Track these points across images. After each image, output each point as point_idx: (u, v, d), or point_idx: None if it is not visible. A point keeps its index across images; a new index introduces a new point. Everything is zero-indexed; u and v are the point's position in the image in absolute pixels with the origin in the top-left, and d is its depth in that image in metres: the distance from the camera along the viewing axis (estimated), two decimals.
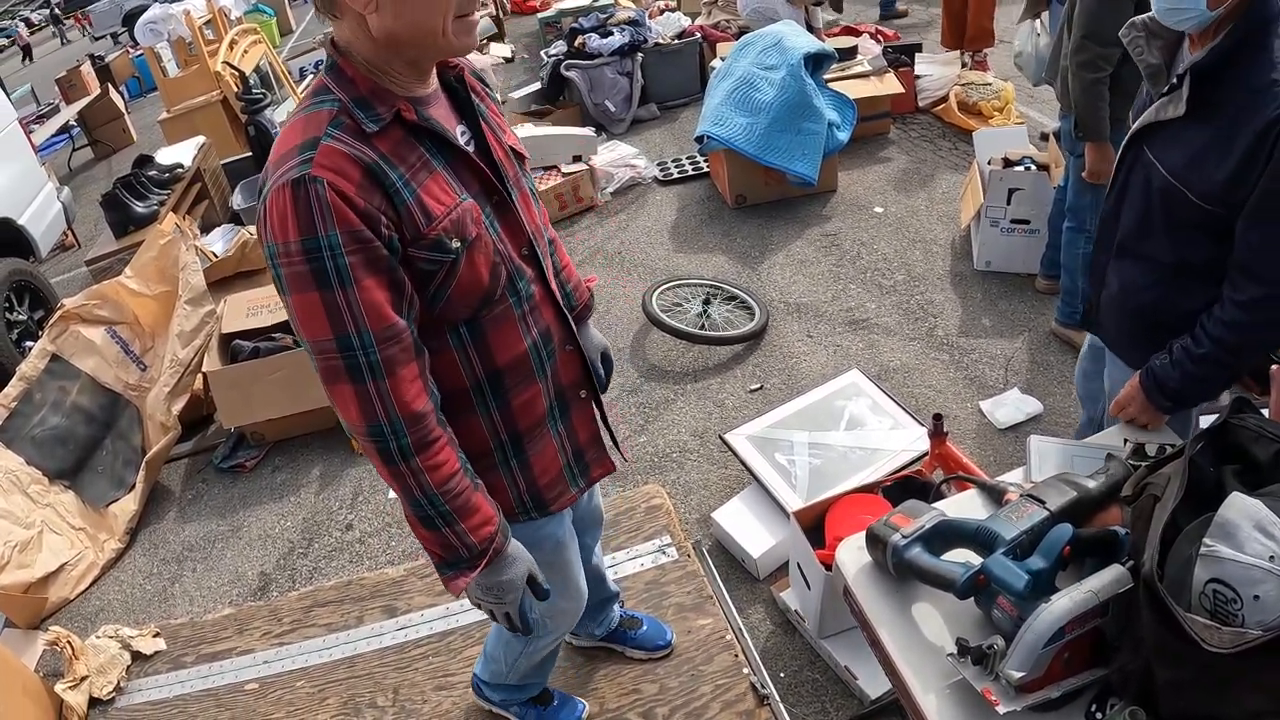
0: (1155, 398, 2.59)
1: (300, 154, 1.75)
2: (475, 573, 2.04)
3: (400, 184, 1.82)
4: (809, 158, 6.31)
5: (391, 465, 1.91)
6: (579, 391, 2.36)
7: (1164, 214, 2.52)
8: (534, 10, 12.98)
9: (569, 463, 2.37)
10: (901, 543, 2.17)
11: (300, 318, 1.81)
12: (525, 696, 3.10)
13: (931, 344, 5.01)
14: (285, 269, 1.77)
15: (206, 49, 10.46)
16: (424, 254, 1.87)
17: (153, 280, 5.68)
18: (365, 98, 1.82)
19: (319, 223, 1.72)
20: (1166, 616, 1.72)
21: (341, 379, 1.84)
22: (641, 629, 3.37)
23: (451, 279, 1.92)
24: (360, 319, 1.79)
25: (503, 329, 2.08)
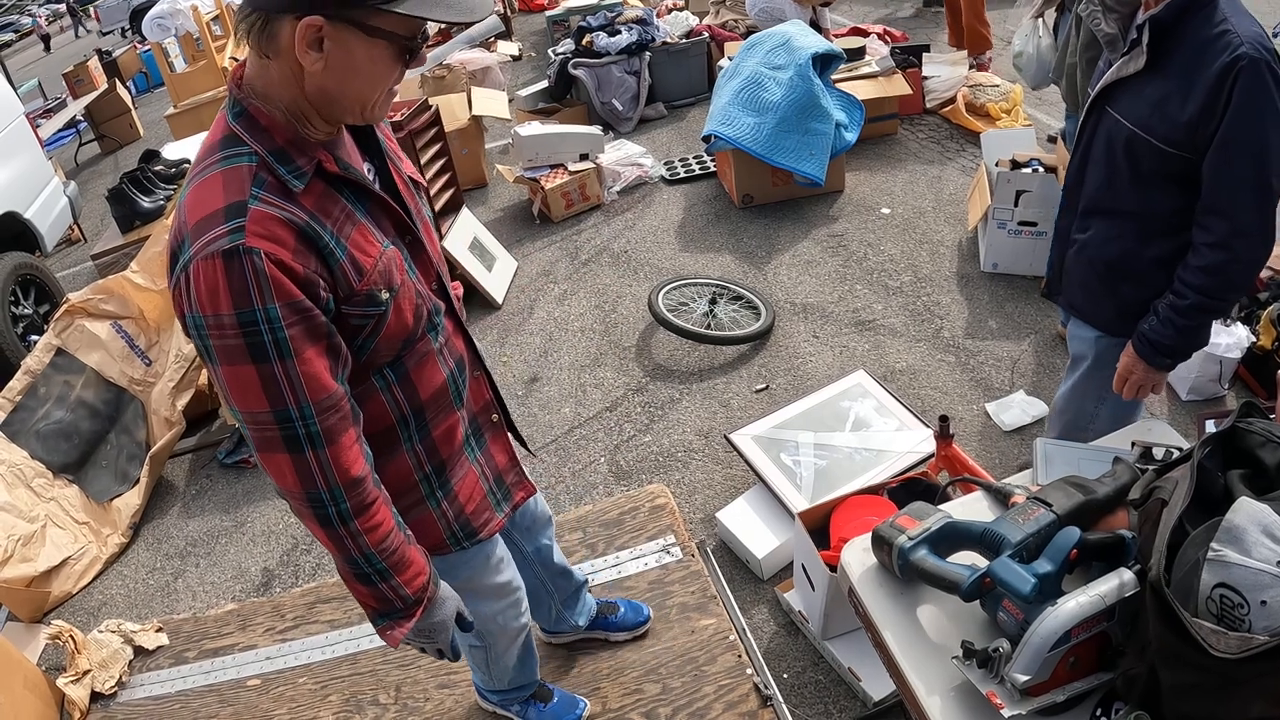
0: (1154, 359, 2.71)
1: (227, 220, 1.66)
2: (411, 621, 2.07)
3: (332, 243, 1.76)
4: (816, 158, 6.30)
5: (329, 529, 1.88)
6: (490, 416, 2.40)
7: (1130, 166, 2.62)
8: (542, 8, 12.99)
9: (491, 489, 2.40)
10: (907, 545, 2.17)
11: (232, 391, 1.75)
12: (522, 696, 3.11)
13: (938, 345, 5.00)
14: (215, 341, 1.69)
15: (214, 44, 10.47)
16: (357, 310, 1.84)
17: (158, 275, 5.67)
18: (283, 149, 1.74)
19: (255, 296, 1.65)
20: (1173, 621, 1.71)
21: (278, 449, 1.79)
22: (619, 613, 3.42)
23: (380, 328, 1.90)
24: (300, 391, 1.74)
25: (423, 365, 2.08)
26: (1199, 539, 1.76)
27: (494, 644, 2.77)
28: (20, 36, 28.39)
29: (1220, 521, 1.72)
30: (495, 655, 2.83)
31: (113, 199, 7.70)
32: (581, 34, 9.00)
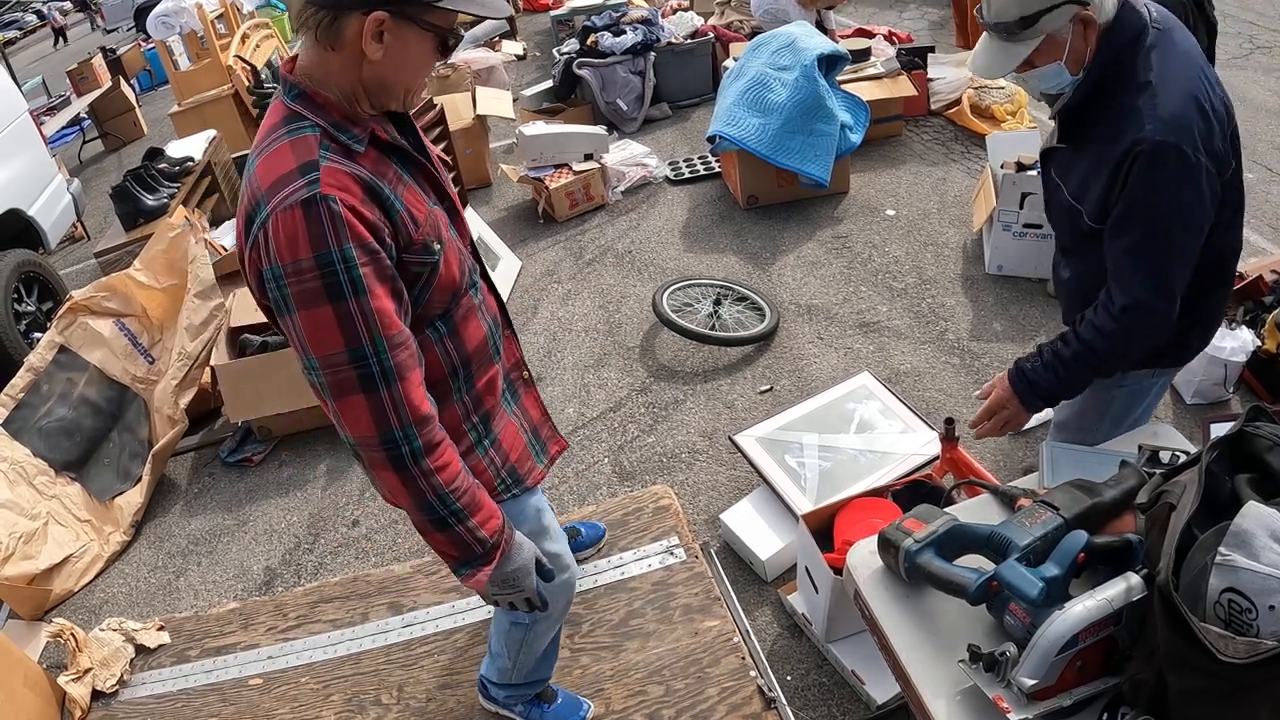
0: (1028, 399, 2.73)
1: (302, 175, 1.84)
2: (491, 566, 2.18)
3: (392, 196, 1.95)
4: (821, 159, 6.30)
5: (404, 471, 1.99)
6: (521, 373, 2.55)
7: (1073, 229, 2.67)
8: (547, 8, 12.97)
9: (530, 440, 2.54)
10: (914, 547, 2.16)
11: (309, 334, 1.88)
12: (530, 694, 3.12)
13: (942, 347, 4.99)
14: (294, 287, 1.84)
15: (218, 43, 10.47)
16: (415, 259, 2.01)
17: (161, 273, 5.67)
18: (340, 122, 1.93)
19: (331, 238, 1.81)
20: (1181, 625, 1.70)
21: (353, 391, 1.92)
22: (581, 536, 3.68)
23: (433, 279, 2.07)
24: (374, 327, 1.88)
25: (468, 319, 2.23)
26: (1207, 543, 1.76)
27: (537, 624, 2.81)
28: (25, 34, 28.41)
29: (1228, 526, 1.72)
30: (534, 635, 2.86)
31: (116, 197, 7.70)
32: (586, 34, 8.99)
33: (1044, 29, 2.43)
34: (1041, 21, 2.41)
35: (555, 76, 9.06)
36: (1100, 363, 2.61)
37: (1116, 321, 2.51)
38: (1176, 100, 2.33)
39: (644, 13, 9.15)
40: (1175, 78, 2.37)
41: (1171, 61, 2.39)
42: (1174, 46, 2.42)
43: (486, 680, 3.16)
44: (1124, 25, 2.42)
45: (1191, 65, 2.40)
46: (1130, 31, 2.42)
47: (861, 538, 2.46)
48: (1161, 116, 2.32)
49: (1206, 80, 2.40)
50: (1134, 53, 2.42)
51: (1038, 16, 2.41)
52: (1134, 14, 2.43)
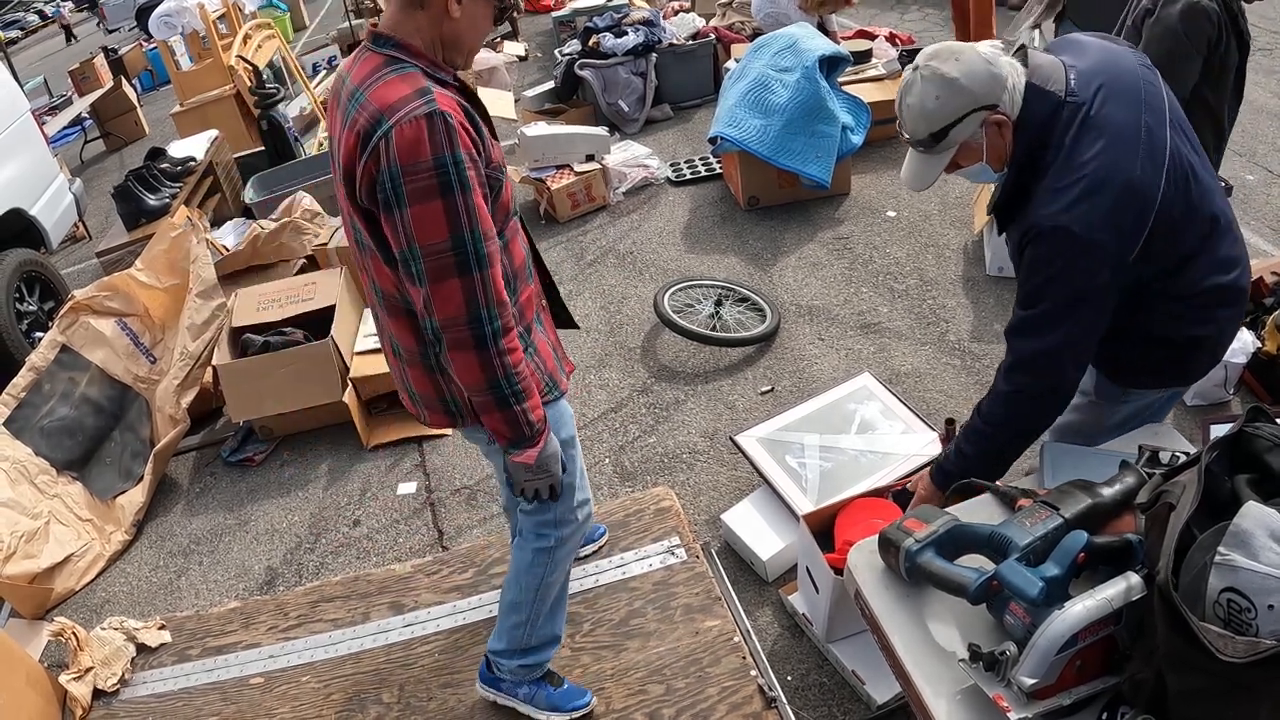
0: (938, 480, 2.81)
1: (420, 97, 2.22)
2: (536, 448, 2.50)
3: (480, 122, 2.37)
4: (822, 160, 6.30)
5: (484, 349, 2.33)
6: (542, 301, 2.88)
7: None
8: (548, 9, 12.97)
9: (554, 351, 2.85)
10: (914, 547, 2.17)
11: (416, 226, 2.23)
12: (538, 669, 3.17)
13: (943, 348, 5.00)
14: (409, 185, 2.21)
15: (220, 43, 10.48)
16: (493, 174, 2.40)
17: (163, 273, 5.68)
18: (430, 67, 2.34)
19: (446, 145, 2.20)
20: (1180, 625, 1.71)
21: (451, 274, 2.27)
22: None
23: (499, 196, 2.45)
24: (475, 218, 2.26)
25: (514, 240, 2.60)
26: (1206, 543, 1.76)
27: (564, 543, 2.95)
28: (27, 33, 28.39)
29: (1228, 526, 1.72)
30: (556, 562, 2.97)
31: (118, 196, 7.71)
32: (588, 35, 8.99)
33: (956, 140, 2.53)
34: (952, 134, 2.51)
35: (557, 77, 9.06)
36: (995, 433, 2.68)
37: (1006, 382, 2.62)
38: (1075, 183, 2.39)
39: (646, 14, 9.15)
40: (1083, 157, 2.40)
41: (1083, 139, 2.42)
42: (1089, 120, 2.44)
43: (494, 657, 3.18)
44: (1031, 115, 2.48)
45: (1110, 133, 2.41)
46: (1039, 120, 2.47)
47: (862, 538, 2.47)
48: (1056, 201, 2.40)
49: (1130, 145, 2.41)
50: (1046, 138, 2.47)
51: (946, 131, 2.51)
52: (1042, 98, 2.47)
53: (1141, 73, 2.54)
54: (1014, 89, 2.45)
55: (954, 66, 2.45)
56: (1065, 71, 2.49)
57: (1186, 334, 2.60)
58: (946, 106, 2.47)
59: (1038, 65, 2.50)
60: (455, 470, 4.87)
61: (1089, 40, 2.65)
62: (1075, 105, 2.44)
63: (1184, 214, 2.46)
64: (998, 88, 2.44)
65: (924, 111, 2.50)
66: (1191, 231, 2.48)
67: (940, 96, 2.46)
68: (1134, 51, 2.66)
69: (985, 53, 2.48)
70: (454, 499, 4.70)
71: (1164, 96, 2.53)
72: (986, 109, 2.45)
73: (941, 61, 2.47)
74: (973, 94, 2.44)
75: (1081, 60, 2.53)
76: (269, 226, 6.65)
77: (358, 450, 5.21)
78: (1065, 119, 2.43)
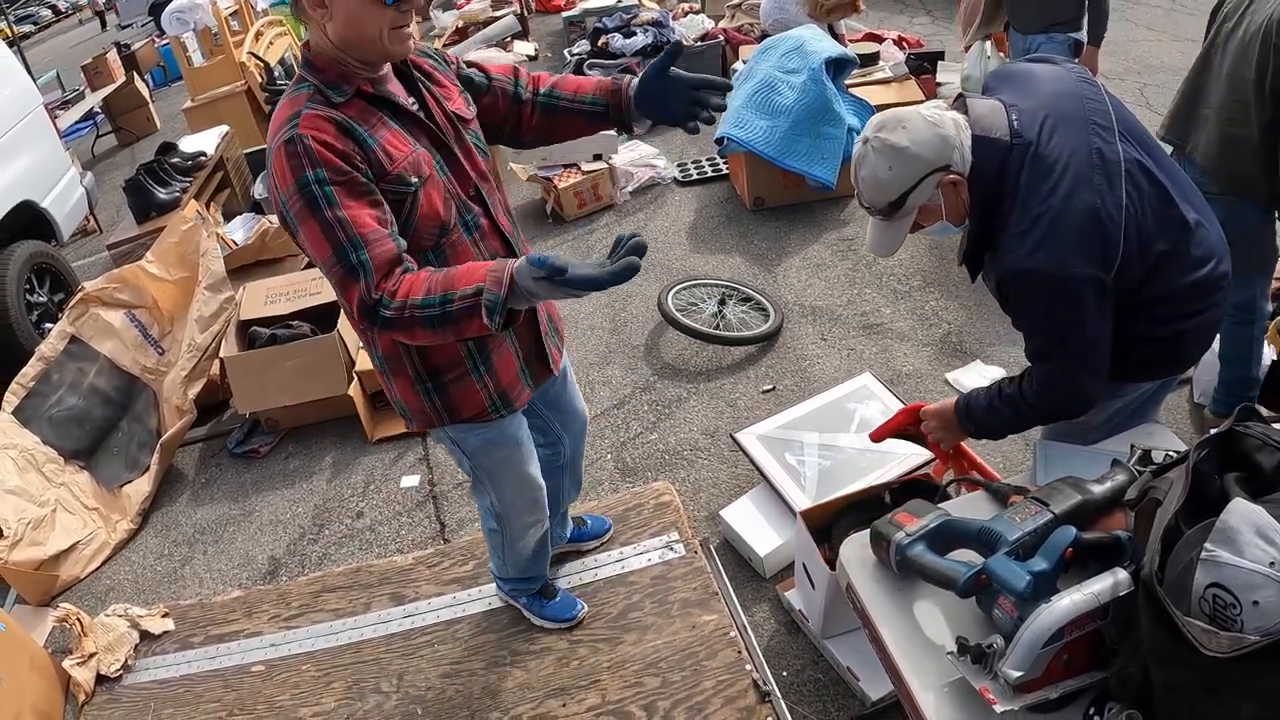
0: (963, 421, 2.85)
1: (288, 123, 2.24)
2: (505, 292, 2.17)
3: (366, 135, 2.30)
4: (828, 162, 6.32)
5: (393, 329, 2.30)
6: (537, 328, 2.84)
7: None
8: (559, 9, 12.98)
9: (522, 366, 2.82)
10: (905, 541, 2.19)
11: (310, 245, 2.26)
12: (532, 589, 3.55)
13: (945, 350, 5.02)
14: (292, 210, 2.25)
15: (232, 39, 10.51)
16: (391, 187, 2.33)
17: (173, 265, 5.71)
18: (333, 81, 2.32)
19: (306, 166, 2.21)
20: (1165, 620, 1.73)
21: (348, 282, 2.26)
22: (586, 526, 3.87)
23: (416, 208, 2.39)
24: (349, 228, 2.22)
25: (460, 253, 2.53)
26: (1193, 539, 1.78)
27: (508, 529, 3.22)
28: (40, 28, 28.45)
29: (1215, 522, 1.74)
30: (509, 541, 3.27)
31: (129, 190, 7.75)
32: (597, 35, 9.02)
33: (914, 205, 2.58)
34: (909, 201, 2.57)
35: None
36: (1023, 424, 2.76)
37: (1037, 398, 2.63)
38: (1035, 225, 2.42)
39: (655, 15, 9.17)
40: (1040, 196, 2.43)
41: (1037, 178, 2.45)
42: (1039, 158, 2.46)
43: (495, 574, 3.63)
44: (982, 167, 2.51)
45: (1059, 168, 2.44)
46: (990, 170, 2.50)
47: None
48: (1021, 245, 2.43)
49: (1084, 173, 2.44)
50: (1000, 186, 2.50)
51: (904, 199, 2.56)
52: (988, 147, 2.51)
53: (1082, 89, 2.57)
54: (962, 145, 2.50)
55: (902, 135, 2.51)
56: (1007, 113, 2.53)
57: (1172, 329, 2.62)
58: (900, 175, 2.53)
59: (979, 115, 2.54)
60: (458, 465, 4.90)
61: (1024, 69, 2.70)
62: (1023, 146, 2.47)
63: (1154, 223, 2.48)
64: (947, 149, 2.49)
65: (879, 183, 2.56)
66: (1162, 238, 2.50)
67: (893, 167, 2.52)
68: (1068, 67, 2.68)
69: (930, 115, 2.52)
70: (456, 493, 4.72)
71: (1109, 107, 2.55)
72: (939, 171, 2.51)
73: (890, 132, 2.53)
74: (924, 159, 2.50)
75: (1022, 96, 2.58)
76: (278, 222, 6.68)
77: (362, 443, 5.25)
78: (1015, 162, 2.47)
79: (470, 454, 2.97)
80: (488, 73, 2.75)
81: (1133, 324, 2.59)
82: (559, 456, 3.43)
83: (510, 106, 2.76)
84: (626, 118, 2.67)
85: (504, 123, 2.79)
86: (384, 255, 2.25)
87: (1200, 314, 2.63)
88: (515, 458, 2.99)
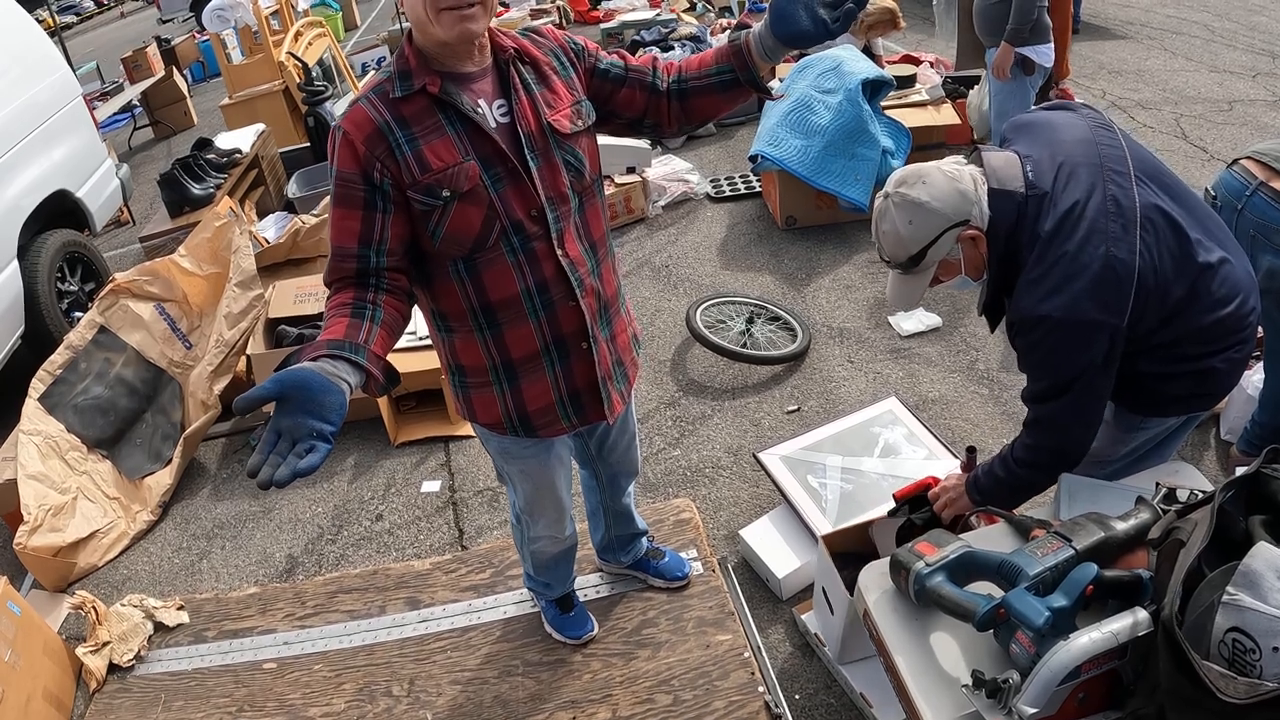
0: (970, 492, 2.87)
1: (349, 106, 2.32)
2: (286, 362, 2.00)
3: (404, 140, 2.27)
4: (861, 183, 6.31)
5: None
6: (580, 343, 2.65)
7: None
8: (597, 20, 13.03)
9: (562, 399, 2.72)
10: (925, 570, 2.18)
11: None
12: (550, 595, 3.59)
13: (971, 377, 4.99)
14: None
15: (272, 39, 10.58)
16: (418, 197, 2.30)
17: (205, 261, 5.74)
18: (407, 71, 2.30)
19: (333, 159, 2.31)
20: (1183, 662, 1.72)
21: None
22: (663, 560, 3.78)
23: (445, 221, 2.34)
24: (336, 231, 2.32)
25: (494, 271, 2.45)
26: (1215, 582, 1.77)
27: (527, 531, 3.24)
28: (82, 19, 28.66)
29: (1238, 565, 1.73)
30: (526, 541, 3.30)
31: (164, 184, 7.80)
32: (635, 48, 9.03)
33: (934, 260, 2.61)
34: (929, 255, 2.60)
35: None
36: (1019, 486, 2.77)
37: (1025, 450, 2.68)
38: (1051, 271, 2.44)
39: (693, 30, 9.19)
40: (1056, 245, 2.45)
41: (1051, 228, 2.47)
42: (1055, 208, 2.48)
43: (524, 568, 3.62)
44: (999, 221, 2.54)
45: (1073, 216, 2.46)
46: (1007, 223, 2.53)
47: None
48: (1034, 293, 2.46)
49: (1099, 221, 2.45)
50: (1018, 238, 2.53)
51: (924, 253, 2.60)
52: (1005, 200, 2.53)
53: (1097, 135, 2.59)
54: (981, 200, 2.53)
55: (923, 190, 2.54)
56: (1021, 164, 2.56)
57: (1197, 366, 2.61)
58: (920, 230, 2.57)
59: (994, 168, 2.57)
60: (479, 471, 4.90)
61: (1040, 118, 2.73)
62: (1038, 197, 2.50)
63: (1172, 267, 2.49)
64: (966, 204, 2.53)
65: (899, 238, 2.61)
66: (1180, 282, 2.50)
67: (914, 221, 2.57)
68: (1084, 114, 2.70)
69: (949, 171, 2.56)
70: (476, 500, 4.72)
71: (1124, 151, 2.56)
72: (959, 225, 2.54)
73: (910, 187, 2.57)
74: (944, 215, 2.53)
75: (1035, 146, 2.61)
76: (310, 221, 6.72)
77: (385, 446, 5.25)
78: (1031, 214, 2.50)
79: (492, 453, 3.02)
80: (627, 64, 2.64)
81: (1159, 363, 2.59)
82: (597, 492, 3.46)
83: (649, 99, 2.63)
84: (755, 75, 2.48)
85: (644, 115, 2.67)
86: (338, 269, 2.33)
87: (1226, 350, 2.62)
88: (536, 475, 2.97)
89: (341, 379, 1.95)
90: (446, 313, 2.56)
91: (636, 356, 3.03)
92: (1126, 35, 10.22)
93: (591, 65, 2.60)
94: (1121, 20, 10.49)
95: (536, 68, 2.47)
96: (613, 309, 2.78)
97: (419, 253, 2.42)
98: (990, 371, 5.01)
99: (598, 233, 2.65)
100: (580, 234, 2.57)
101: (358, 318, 2.20)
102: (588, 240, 2.60)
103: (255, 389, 1.82)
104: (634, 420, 3.27)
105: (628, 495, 3.51)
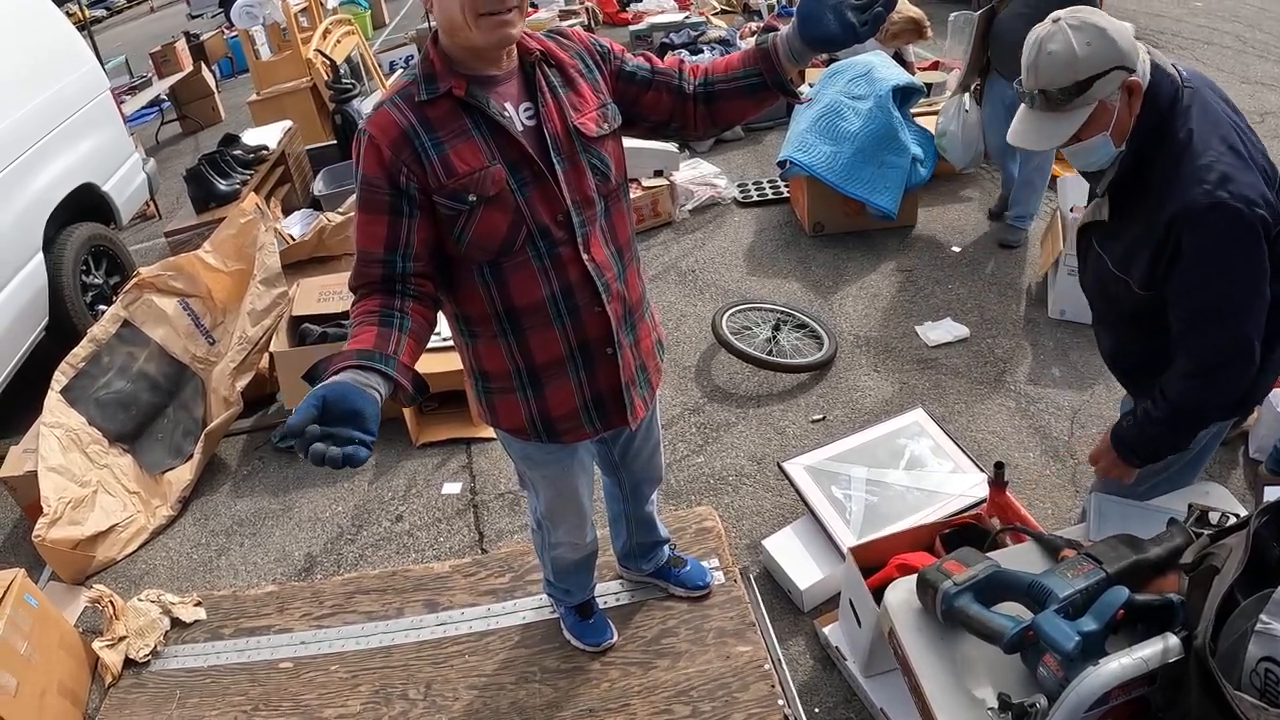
0: (1123, 453, 2.68)
1: (375, 109, 2.30)
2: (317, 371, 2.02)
3: (430, 145, 2.24)
4: (890, 191, 6.27)
5: None
6: (605, 348, 2.61)
7: (1117, 300, 2.65)
8: (626, 22, 13.02)
9: (586, 405, 2.68)
10: (953, 590, 2.15)
11: None
12: (570, 601, 3.57)
13: (999, 389, 4.95)
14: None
15: (300, 36, 10.60)
16: (445, 201, 2.26)
17: (230, 257, 5.75)
18: (432, 74, 2.26)
19: (357, 163, 2.28)
20: (1214, 692, 1.68)
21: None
22: (685, 569, 3.74)
23: (471, 225, 2.30)
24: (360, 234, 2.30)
25: (520, 276, 2.41)
26: (1249, 610, 1.73)
27: (546, 537, 3.21)
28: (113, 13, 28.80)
29: (1272, 594, 1.69)
30: (546, 546, 3.27)
31: (190, 179, 7.81)
32: (664, 51, 9.01)
33: (1097, 95, 2.39)
34: (1095, 86, 2.37)
35: None
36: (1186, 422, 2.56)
37: (1190, 383, 2.46)
38: (1219, 159, 2.31)
39: (722, 33, 9.16)
40: (1214, 137, 2.35)
41: (1208, 121, 2.37)
42: (1208, 106, 2.40)
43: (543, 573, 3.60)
44: (1160, 90, 2.40)
45: (1225, 122, 2.39)
46: (1167, 96, 2.40)
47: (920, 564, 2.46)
48: (1206, 178, 2.29)
49: (1242, 134, 2.39)
50: (1172, 116, 2.40)
51: (1091, 82, 2.37)
52: (1166, 78, 2.42)
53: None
54: (1144, 60, 2.41)
55: (1101, 18, 2.37)
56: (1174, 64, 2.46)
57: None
58: (1097, 55, 2.35)
59: (1152, 51, 2.46)
60: (501, 474, 4.88)
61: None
62: (1191, 91, 2.41)
63: None
64: (1135, 51, 2.38)
65: (1072, 59, 2.36)
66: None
67: (1092, 44, 2.35)
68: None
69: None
70: (497, 503, 4.71)
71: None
72: (1127, 69, 2.37)
73: (1087, 14, 2.39)
74: (1120, 49, 2.35)
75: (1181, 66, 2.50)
76: (335, 219, 6.71)
77: (406, 447, 5.24)
78: (1185, 103, 2.39)
79: (515, 459, 3.00)
80: (653, 67, 2.60)
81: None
82: (619, 500, 3.43)
83: (675, 102, 2.58)
84: (782, 78, 2.41)
85: (670, 118, 2.62)
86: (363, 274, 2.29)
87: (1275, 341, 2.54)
88: (558, 480, 2.96)
89: (373, 389, 1.96)
90: (471, 316, 2.51)
91: (660, 362, 3.00)
92: (1158, 45, 10.13)
93: (617, 68, 2.57)
94: (1153, 30, 10.41)
95: (562, 70, 2.44)
96: (638, 314, 2.73)
97: (444, 257, 2.38)
98: (1018, 384, 4.96)
99: (623, 237, 2.61)
100: (606, 238, 2.53)
101: (386, 326, 2.16)
102: (613, 244, 2.56)
103: (298, 411, 1.80)
104: (659, 427, 3.24)
105: (651, 503, 3.47)
